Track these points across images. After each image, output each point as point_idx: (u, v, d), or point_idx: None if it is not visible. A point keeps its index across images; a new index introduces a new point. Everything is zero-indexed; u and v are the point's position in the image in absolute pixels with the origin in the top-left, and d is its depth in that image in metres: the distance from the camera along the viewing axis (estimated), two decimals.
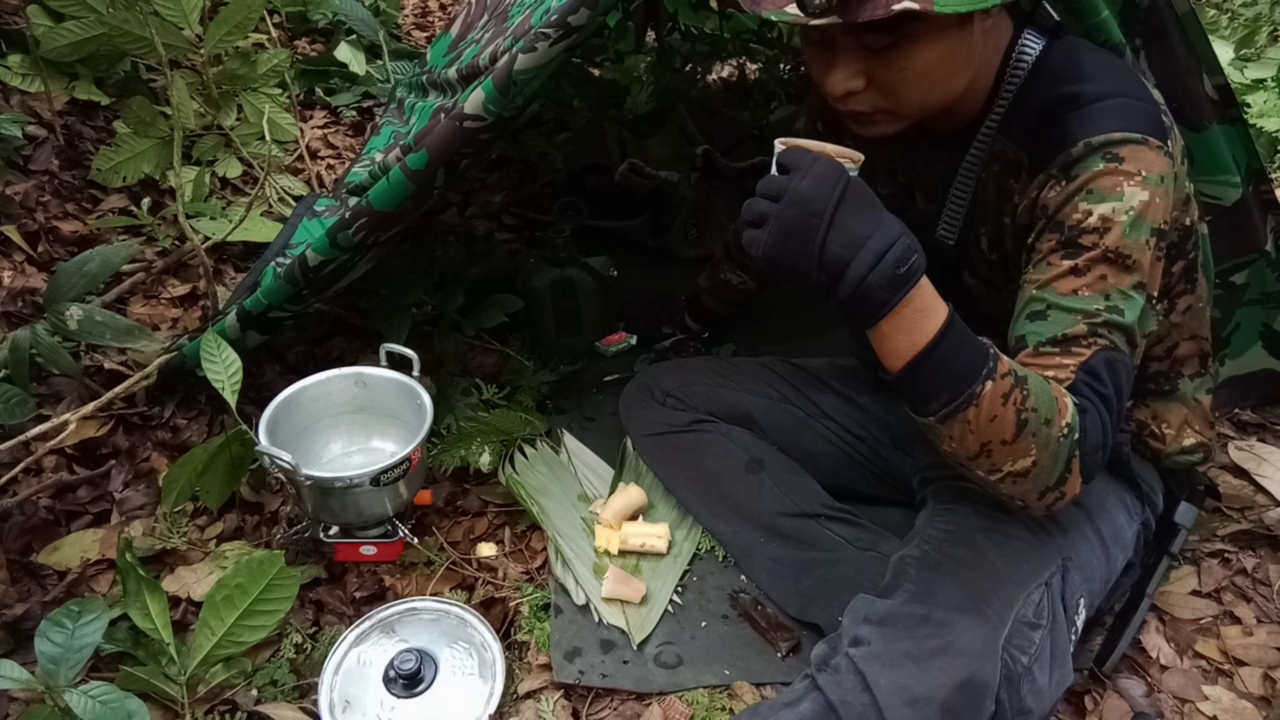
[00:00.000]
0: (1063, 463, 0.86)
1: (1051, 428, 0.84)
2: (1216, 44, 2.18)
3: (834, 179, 0.80)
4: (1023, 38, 0.96)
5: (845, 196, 0.80)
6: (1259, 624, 1.26)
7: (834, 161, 0.81)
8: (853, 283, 0.80)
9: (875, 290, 0.81)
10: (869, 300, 0.81)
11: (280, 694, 1.13)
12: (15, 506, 1.27)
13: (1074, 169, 0.89)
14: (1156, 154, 0.88)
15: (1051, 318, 0.89)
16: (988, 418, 0.83)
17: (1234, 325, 1.43)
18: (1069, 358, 0.87)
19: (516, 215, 2.24)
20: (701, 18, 2.81)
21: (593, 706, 1.15)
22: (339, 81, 2.58)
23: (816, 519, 1.26)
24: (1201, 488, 1.19)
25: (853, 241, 0.80)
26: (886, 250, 0.80)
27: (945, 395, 0.84)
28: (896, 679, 0.89)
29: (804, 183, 0.80)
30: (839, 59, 0.89)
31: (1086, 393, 0.87)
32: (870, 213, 0.82)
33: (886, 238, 0.80)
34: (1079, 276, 0.88)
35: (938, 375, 0.84)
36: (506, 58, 1.09)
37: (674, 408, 1.38)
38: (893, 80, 0.89)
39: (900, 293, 0.81)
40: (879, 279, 0.80)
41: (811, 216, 0.79)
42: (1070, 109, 0.91)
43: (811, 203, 0.79)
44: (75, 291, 1.36)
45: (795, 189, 0.80)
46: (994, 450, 0.85)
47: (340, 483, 1.20)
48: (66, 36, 1.79)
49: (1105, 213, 0.87)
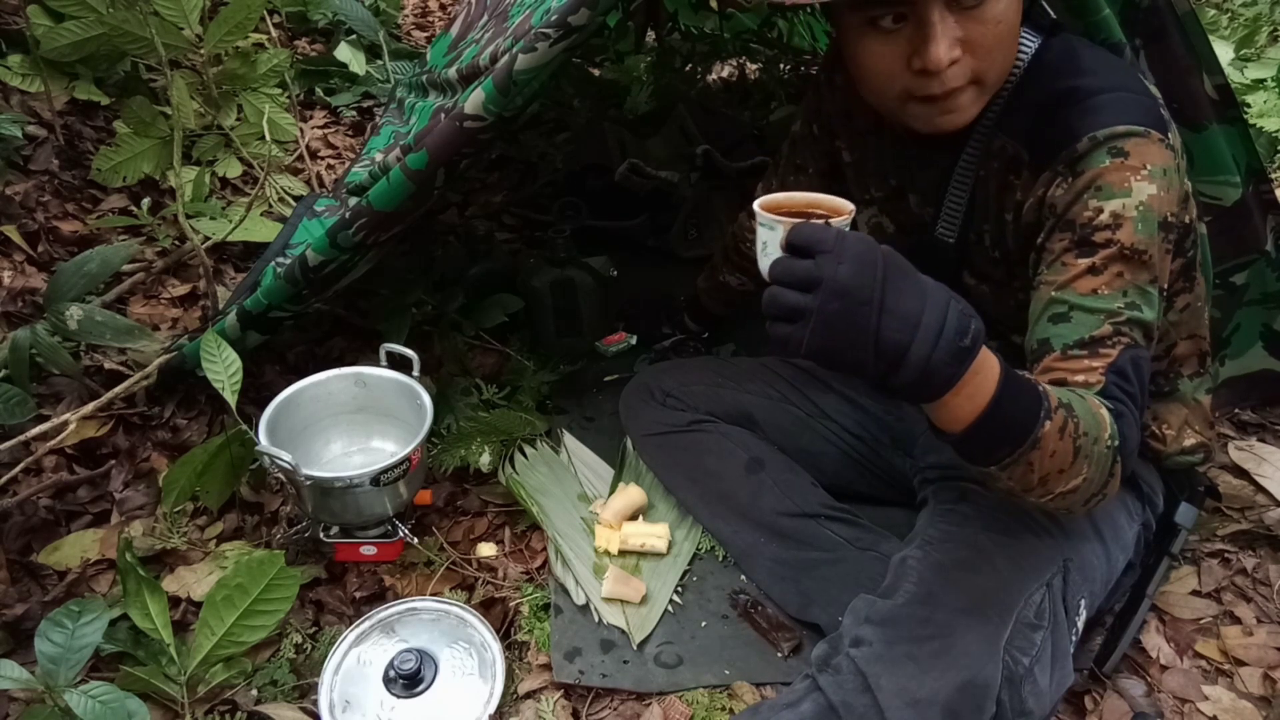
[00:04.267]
0: (1106, 471, 0.85)
1: (1099, 444, 0.83)
2: (1216, 44, 2.18)
3: (873, 258, 0.70)
4: (1020, 36, 0.96)
5: (888, 275, 0.70)
6: (1259, 624, 1.26)
7: (863, 237, 0.72)
8: (917, 366, 0.71)
9: (941, 368, 0.72)
10: (935, 380, 0.73)
11: (280, 694, 1.13)
12: (15, 506, 1.27)
13: (1080, 164, 0.89)
14: (1159, 147, 0.88)
15: (1075, 319, 0.88)
16: (1048, 454, 0.80)
17: (1234, 325, 1.43)
18: (1097, 360, 0.86)
19: (516, 215, 2.24)
20: (701, 18, 2.81)
21: (593, 706, 1.15)
22: (339, 81, 2.58)
23: (816, 519, 1.26)
24: (1202, 488, 1.19)
25: (908, 323, 0.70)
26: (944, 323, 0.72)
27: (1009, 446, 0.79)
28: (898, 680, 0.89)
29: (843, 270, 0.69)
30: (936, 29, 0.85)
31: (1117, 394, 0.86)
32: (913, 283, 0.73)
33: (939, 309, 0.72)
34: (1097, 275, 0.88)
35: (1001, 430, 0.79)
36: (507, 58, 1.09)
37: (674, 408, 1.38)
38: (989, 37, 0.87)
39: (965, 363, 0.74)
40: (943, 355, 0.72)
41: (860, 305, 0.69)
42: (1070, 104, 0.91)
43: (857, 291, 0.69)
44: (75, 291, 1.36)
45: (834, 279, 0.69)
46: (1050, 479, 0.83)
47: (340, 483, 1.20)
48: (66, 36, 1.79)
49: (1116, 209, 0.87)
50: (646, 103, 2.61)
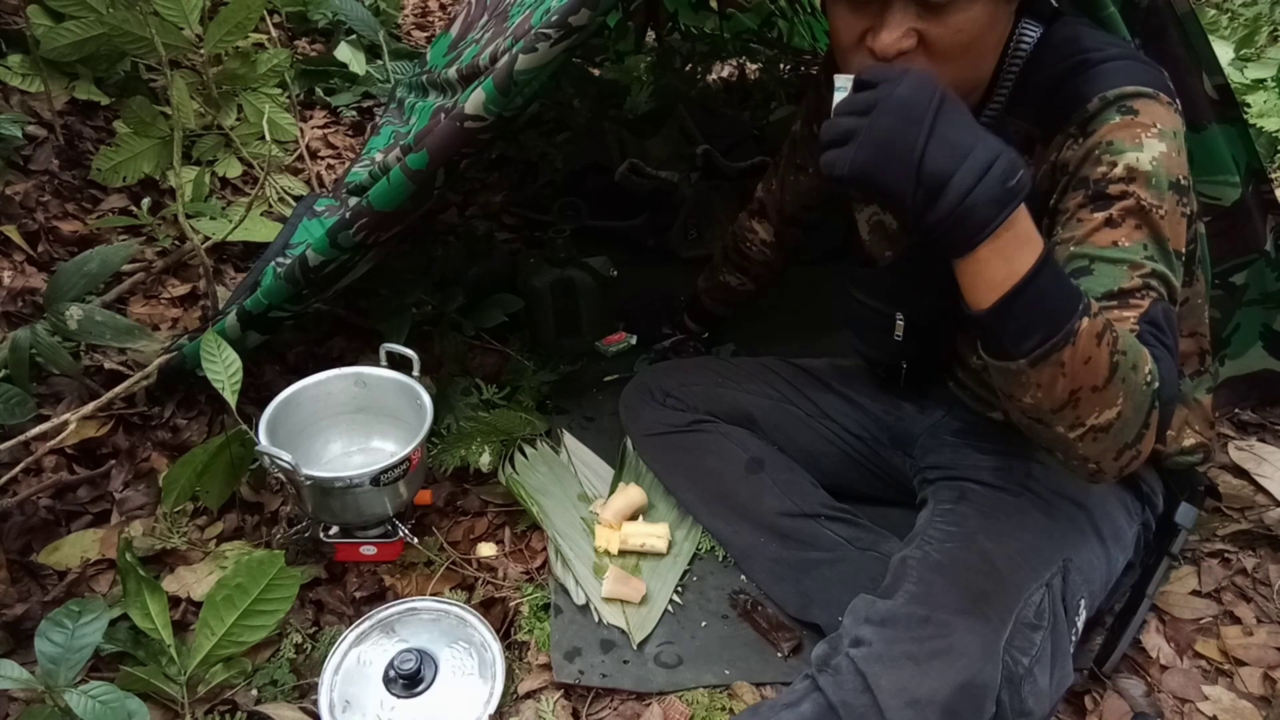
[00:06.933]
0: (1143, 414, 0.80)
1: (1138, 374, 0.79)
2: (1216, 44, 2.18)
3: (932, 84, 0.73)
4: (1021, 26, 0.97)
5: (944, 104, 0.72)
6: (1259, 624, 1.26)
7: (927, 72, 0.75)
8: (955, 197, 0.71)
9: (980, 207, 0.72)
10: (971, 219, 0.72)
11: (280, 694, 1.13)
12: (15, 506, 1.27)
13: (1091, 124, 0.89)
14: (1168, 109, 0.89)
15: (1098, 271, 0.85)
16: (1083, 358, 0.76)
17: (1234, 325, 1.43)
18: (1129, 310, 0.84)
19: (516, 215, 2.24)
20: (701, 18, 2.82)
21: (593, 706, 1.15)
22: (339, 81, 2.58)
23: (816, 519, 1.26)
24: (1201, 488, 1.19)
25: (956, 152, 0.72)
26: (993, 162, 0.72)
27: (1042, 332, 0.75)
28: (897, 680, 0.89)
29: (900, 88, 0.72)
30: (892, 16, 0.85)
31: (1153, 343, 0.83)
32: (969, 120, 0.74)
33: (991, 149, 0.72)
34: (1114, 228, 0.86)
35: (1036, 309, 0.75)
36: (507, 58, 1.09)
37: (674, 408, 1.38)
38: (947, 41, 0.86)
39: (1006, 210, 0.73)
40: (985, 194, 0.71)
41: (911, 124, 0.71)
42: (1078, 73, 0.91)
43: (911, 109, 0.71)
44: (75, 291, 1.36)
45: (892, 94, 0.72)
46: (1082, 399, 0.78)
47: (340, 483, 1.20)
48: (66, 36, 1.79)
49: (1129, 162, 0.86)
50: (646, 103, 2.61)
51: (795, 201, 1.43)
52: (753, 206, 1.50)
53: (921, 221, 0.74)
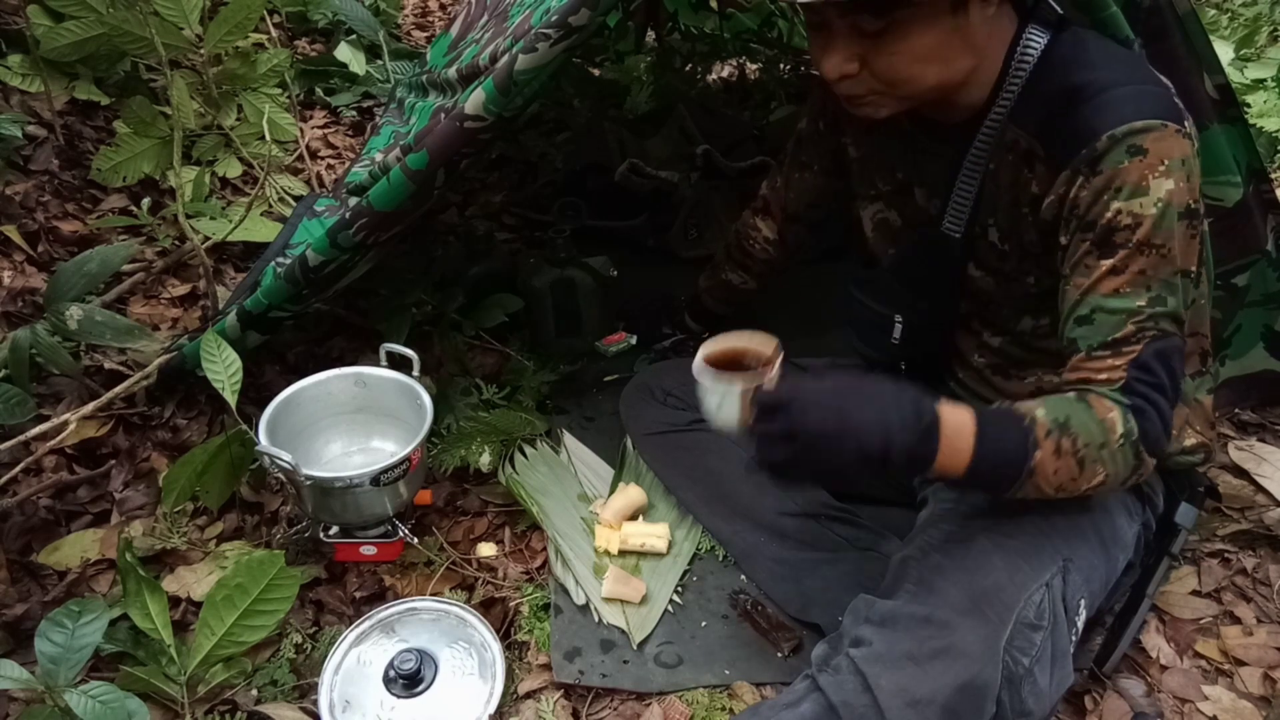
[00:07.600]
0: (1130, 463, 0.92)
1: (1106, 448, 0.90)
2: (1216, 44, 2.17)
3: (827, 400, 0.87)
4: (1027, 32, 0.97)
5: (844, 403, 0.86)
6: (1259, 624, 1.26)
7: (810, 386, 0.88)
8: (901, 455, 0.86)
9: (919, 446, 0.87)
10: (919, 456, 0.87)
11: (280, 694, 1.13)
12: (15, 506, 1.27)
13: (1100, 164, 0.90)
14: (1177, 138, 0.89)
15: (1098, 321, 0.92)
16: (1051, 472, 0.90)
17: (1235, 326, 1.43)
18: (1119, 358, 0.92)
19: (516, 215, 2.24)
20: (701, 18, 2.81)
21: (593, 706, 1.15)
22: (339, 81, 2.58)
23: (817, 519, 1.26)
24: (1202, 488, 1.19)
25: (875, 430, 0.85)
26: (903, 414, 0.86)
27: (1007, 480, 0.91)
28: (898, 680, 0.89)
29: (810, 419, 0.85)
30: (834, 42, 0.92)
31: (1139, 388, 0.91)
32: (865, 396, 0.87)
33: (895, 405, 0.87)
34: (1118, 275, 0.91)
35: (995, 469, 0.91)
36: (507, 58, 1.09)
37: (674, 407, 1.38)
38: (885, 64, 0.91)
39: (936, 434, 0.87)
40: (912, 438, 0.86)
41: (834, 438, 0.85)
42: (1084, 99, 0.91)
43: (827, 430, 0.85)
44: (75, 291, 1.36)
45: (806, 430, 0.85)
46: (1066, 487, 0.92)
47: (340, 483, 1.20)
48: (66, 36, 1.79)
49: (1134, 209, 0.89)
50: (646, 103, 2.61)
51: (800, 199, 1.42)
52: (757, 204, 1.50)
53: (885, 477, 0.91)
